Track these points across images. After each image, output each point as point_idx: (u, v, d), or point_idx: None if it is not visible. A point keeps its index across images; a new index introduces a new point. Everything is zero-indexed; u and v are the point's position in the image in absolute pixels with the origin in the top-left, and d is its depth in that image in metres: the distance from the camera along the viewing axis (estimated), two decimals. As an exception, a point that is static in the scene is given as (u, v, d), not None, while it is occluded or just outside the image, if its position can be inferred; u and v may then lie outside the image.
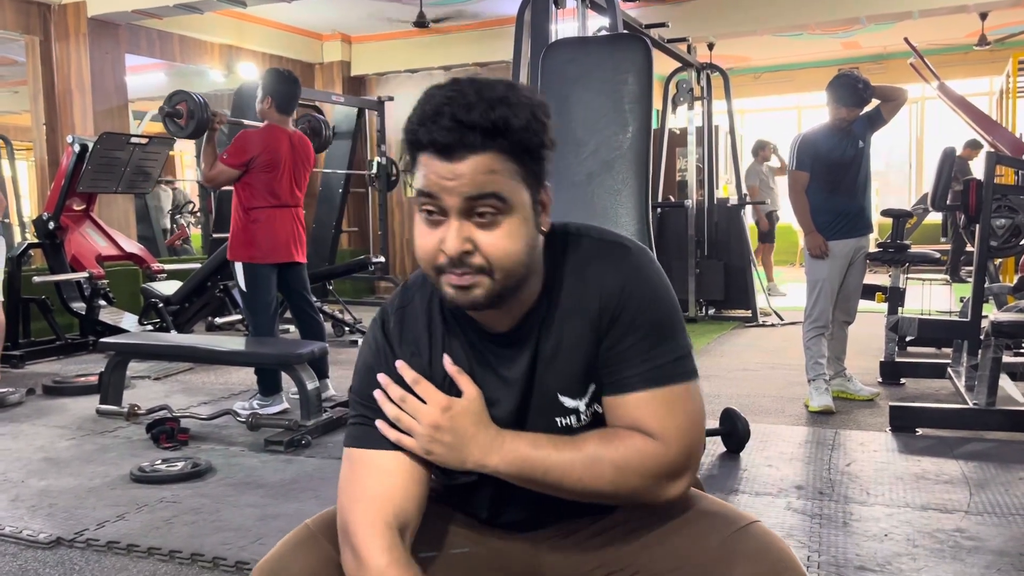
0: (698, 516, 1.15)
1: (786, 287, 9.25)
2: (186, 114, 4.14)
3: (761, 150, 8.99)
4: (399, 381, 1.13)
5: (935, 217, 10.05)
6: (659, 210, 7.40)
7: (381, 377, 1.14)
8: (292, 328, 6.65)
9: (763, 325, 6.94)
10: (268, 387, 4.18)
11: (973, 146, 8.98)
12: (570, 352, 1.13)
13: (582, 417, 1.15)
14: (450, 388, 1.14)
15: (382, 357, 1.16)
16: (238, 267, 4.13)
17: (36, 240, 6.24)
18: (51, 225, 6.01)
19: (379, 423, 1.13)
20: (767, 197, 8.84)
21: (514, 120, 1.00)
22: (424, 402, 1.11)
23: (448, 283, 1.05)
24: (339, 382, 4.57)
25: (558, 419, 1.15)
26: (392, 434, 1.11)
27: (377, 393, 1.13)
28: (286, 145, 4.14)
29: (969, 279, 4.93)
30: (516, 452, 1.10)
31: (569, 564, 1.20)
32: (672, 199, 8.15)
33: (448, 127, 0.99)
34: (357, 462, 1.13)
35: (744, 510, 1.18)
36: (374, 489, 1.10)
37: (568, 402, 1.15)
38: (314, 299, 4.55)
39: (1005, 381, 3.78)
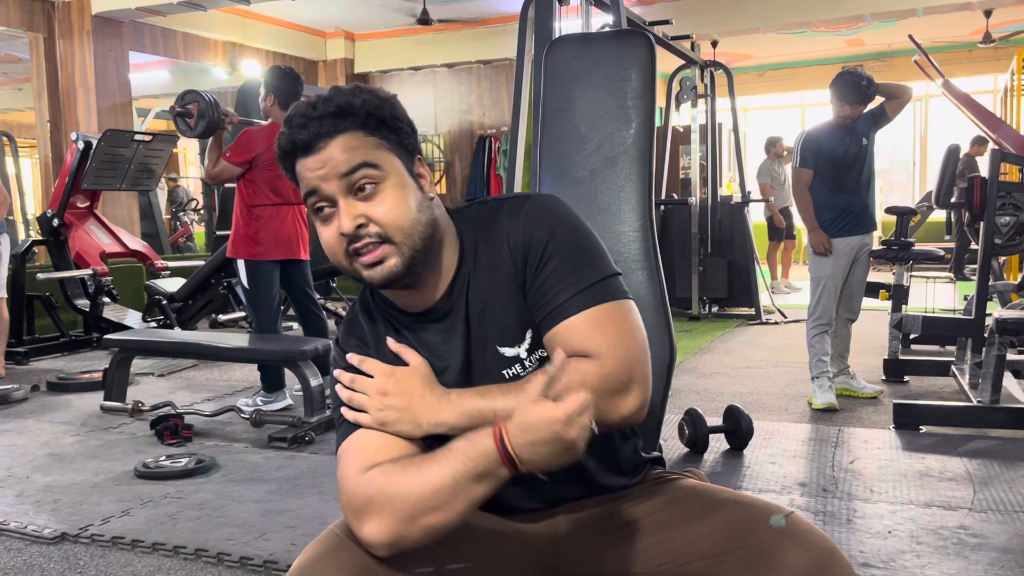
0: (737, 504, 1.15)
1: (795, 284, 9.24)
2: (196, 114, 4.14)
3: (772, 146, 8.94)
4: (349, 370, 1.18)
5: (939, 215, 10.03)
6: (663, 208, 7.40)
7: (335, 372, 1.19)
8: (295, 325, 6.67)
9: (766, 323, 6.94)
10: (271, 384, 4.20)
11: (980, 143, 8.96)
12: (498, 306, 1.17)
13: (526, 364, 1.18)
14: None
15: (340, 363, 1.21)
16: (241, 264, 4.14)
17: (40, 237, 6.26)
18: (55, 222, 6.02)
19: (343, 410, 1.16)
20: (778, 194, 8.79)
21: (354, 100, 1.11)
22: (371, 377, 1.15)
23: (362, 265, 1.11)
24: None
25: (504, 371, 1.18)
26: (350, 415, 1.15)
27: (337, 387, 1.17)
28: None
29: (973, 277, 4.93)
30: (465, 404, 1.11)
31: (600, 557, 1.20)
32: (676, 197, 8.14)
33: (301, 124, 1.10)
34: (347, 451, 1.15)
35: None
36: (366, 463, 1.10)
37: (508, 351, 1.17)
38: (317, 296, 4.55)
39: (1009, 379, 3.77)
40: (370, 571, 1.06)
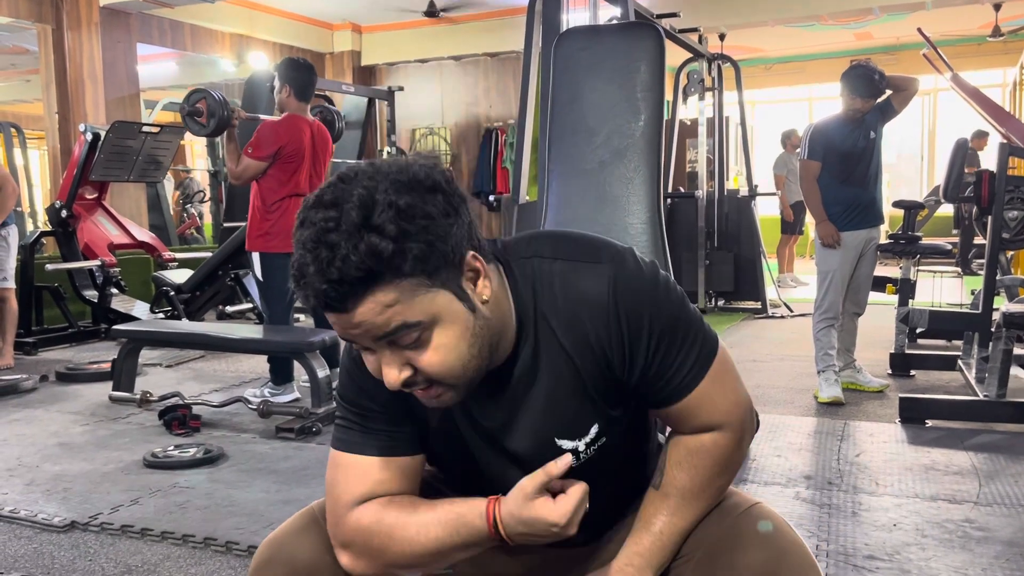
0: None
1: (802, 279, 9.23)
2: (206, 112, 4.13)
3: (789, 139, 8.89)
4: (376, 399, 1.08)
5: (947, 209, 9.99)
6: (669, 201, 7.39)
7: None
8: (302, 317, 6.69)
9: (773, 316, 6.94)
10: (280, 376, 4.20)
11: (981, 136, 8.93)
12: (564, 397, 1.08)
13: (581, 456, 1.11)
14: (440, 428, 1.12)
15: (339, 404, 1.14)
16: (255, 257, 4.11)
17: (49, 228, 6.28)
18: (64, 213, 6.05)
19: (349, 415, 1.11)
20: (793, 187, 8.73)
21: (382, 245, 0.89)
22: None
23: (417, 396, 1.02)
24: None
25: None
26: (356, 426, 1.12)
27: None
28: (307, 134, 4.13)
29: (980, 271, 4.91)
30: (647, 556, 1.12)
31: (577, 559, 1.21)
32: (682, 190, 8.13)
33: (319, 291, 0.90)
34: (342, 466, 1.10)
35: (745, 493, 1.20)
36: (358, 493, 1.08)
37: (566, 444, 1.10)
38: None
39: (1016, 373, 3.77)
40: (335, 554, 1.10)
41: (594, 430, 1.11)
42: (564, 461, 1.00)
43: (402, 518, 1.05)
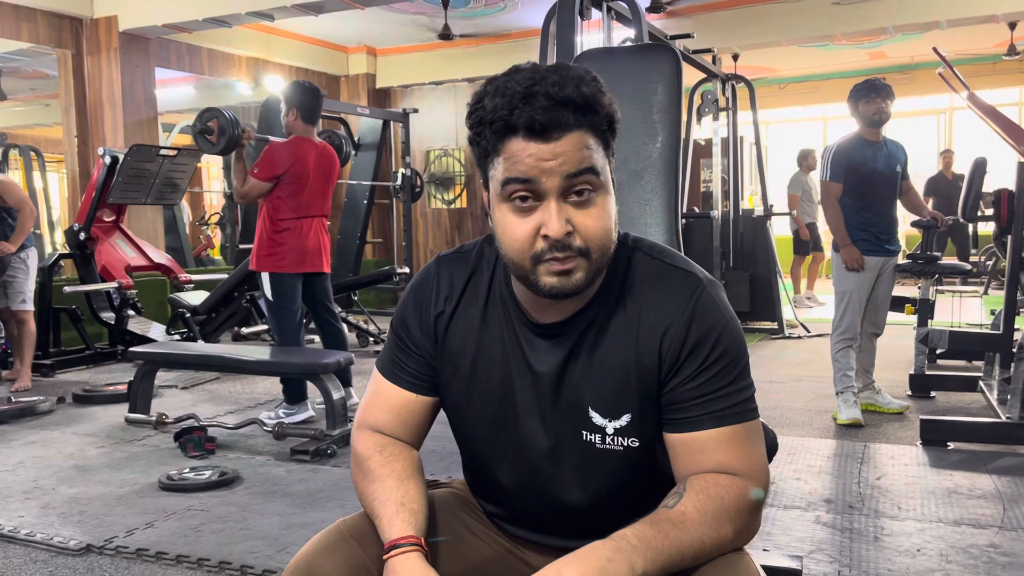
0: None
1: (820, 298, 9.17)
2: (217, 130, 4.18)
3: (805, 159, 8.86)
4: (412, 331, 1.21)
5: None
6: (684, 221, 7.37)
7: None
8: (317, 339, 6.70)
9: (789, 337, 6.89)
10: (294, 396, 4.21)
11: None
12: (611, 366, 1.10)
13: (606, 440, 1.12)
14: (496, 373, 1.16)
15: (429, 286, 1.21)
16: (264, 277, 4.16)
17: (67, 251, 6.33)
18: (82, 236, 6.10)
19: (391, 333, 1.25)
20: (808, 207, 8.71)
21: (602, 96, 1.02)
22: None
23: (550, 271, 1.03)
24: (363, 392, 4.59)
25: (584, 432, 1.13)
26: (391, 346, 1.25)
27: None
28: (313, 156, 4.18)
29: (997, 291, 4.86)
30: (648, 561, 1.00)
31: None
32: (697, 210, 8.11)
33: (544, 106, 0.98)
34: (377, 383, 1.25)
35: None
36: (379, 408, 1.23)
37: (597, 419, 1.12)
38: (337, 308, 4.57)
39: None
40: (366, 570, 1.11)
41: (626, 419, 1.11)
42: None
43: (373, 474, 1.16)
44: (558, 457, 1.15)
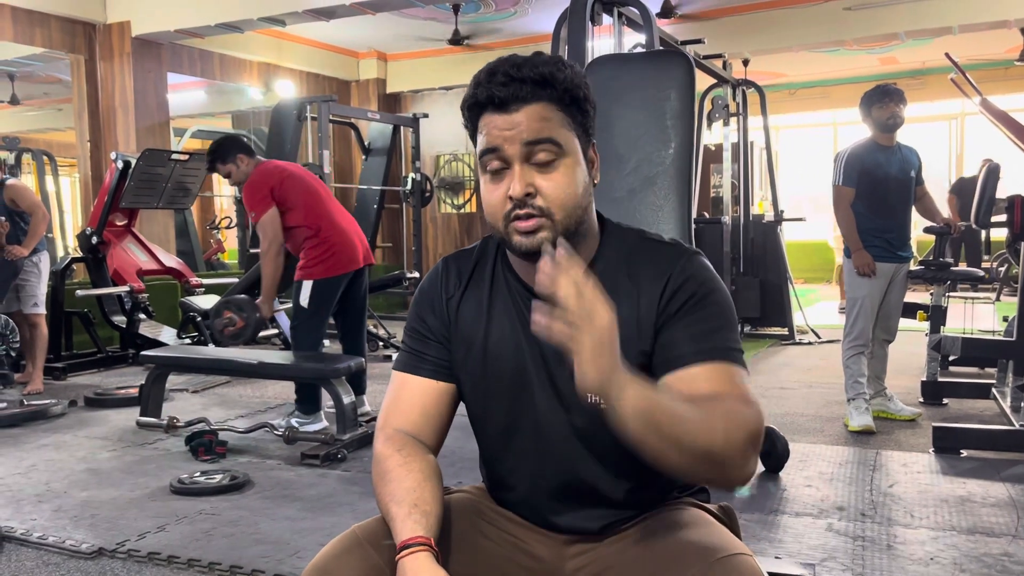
0: (687, 541, 1.12)
1: (820, 305, 9.13)
2: (239, 320, 4.18)
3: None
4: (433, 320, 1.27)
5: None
6: (695, 226, 7.35)
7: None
8: (327, 343, 6.71)
9: (800, 343, 6.86)
10: (308, 405, 4.16)
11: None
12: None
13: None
14: (507, 346, 1.21)
15: (438, 280, 1.28)
16: (307, 285, 4.04)
17: (79, 255, 6.37)
18: (94, 240, 6.13)
19: (407, 335, 1.29)
20: None
21: (558, 73, 1.11)
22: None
23: (516, 230, 1.13)
24: (374, 396, 4.60)
25: (595, 399, 1.14)
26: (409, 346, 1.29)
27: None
28: (282, 169, 4.13)
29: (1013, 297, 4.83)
30: (645, 393, 1.00)
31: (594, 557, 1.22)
32: (707, 215, 8.09)
33: (502, 82, 1.11)
34: (397, 382, 1.28)
35: (736, 541, 1.13)
36: (401, 406, 1.26)
37: None
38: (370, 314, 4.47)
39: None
40: (381, 575, 1.11)
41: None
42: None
43: (390, 474, 1.17)
44: (571, 425, 1.19)
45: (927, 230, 4.47)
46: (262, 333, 6.29)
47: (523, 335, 1.20)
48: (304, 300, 4.05)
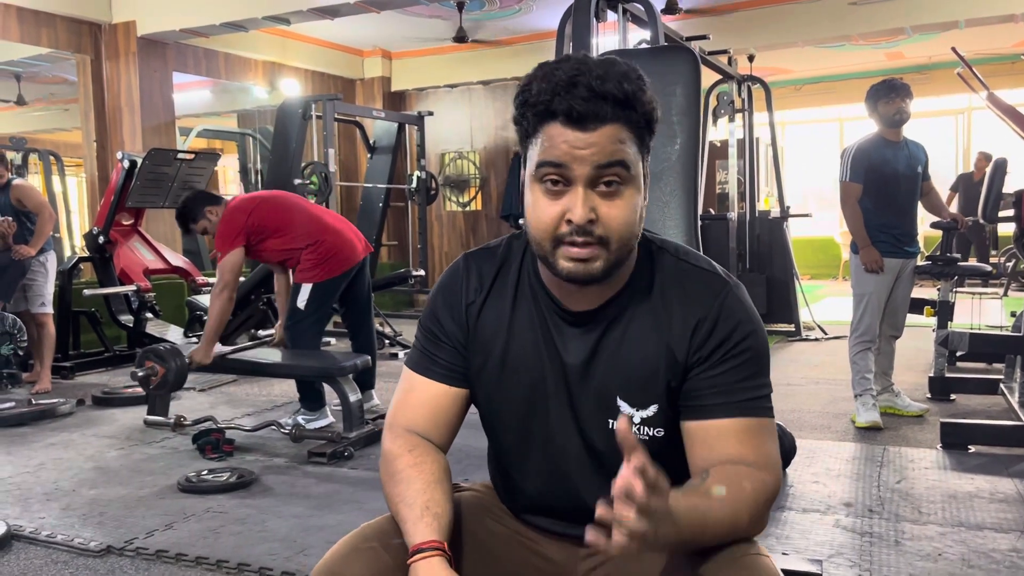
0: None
1: (826, 301, 9.11)
2: (159, 371, 3.89)
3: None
4: (446, 326, 1.22)
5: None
6: (700, 223, 7.34)
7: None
8: (333, 340, 6.72)
9: (807, 339, 6.85)
10: (312, 402, 4.18)
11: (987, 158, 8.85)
12: (640, 356, 1.13)
13: (633, 430, 1.12)
14: (527, 361, 1.18)
15: (458, 280, 1.23)
16: (306, 288, 4.04)
17: (86, 254, 6.38)
18: (101, 239, 6.14)
19: (420, 333, 1.25)
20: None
21: (641, 95, 1.05)
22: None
23: (567, 256, 1.07)
24: (382, 394, 4.60)
25: (611, 420, 1.15)
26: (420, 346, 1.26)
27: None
28: (255, 198, 4.12)
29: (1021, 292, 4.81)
30: (684, 532, 0.98)
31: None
32: (713, 212, 8.08)
33: (584, 97, 1.02)
34: (408, 381, 1.25)
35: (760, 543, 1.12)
36: (411, 406, 1.23)
37: (625, 407, 1.14)
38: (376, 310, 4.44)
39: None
40: (390, 575, 1.11)
41: (653, 409, 1.14)
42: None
43: (400, 475, 1.16)
44: (585, 445, 1.18)
45: (934, 225, 4.46)
46: (268, 332, 6.31)
47: (544, 349, 1.17)
48: (302, 302, 4.05)
